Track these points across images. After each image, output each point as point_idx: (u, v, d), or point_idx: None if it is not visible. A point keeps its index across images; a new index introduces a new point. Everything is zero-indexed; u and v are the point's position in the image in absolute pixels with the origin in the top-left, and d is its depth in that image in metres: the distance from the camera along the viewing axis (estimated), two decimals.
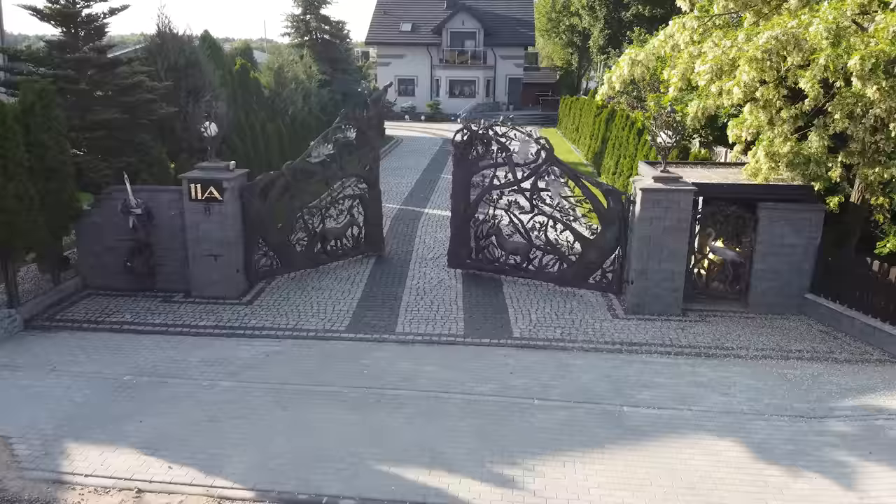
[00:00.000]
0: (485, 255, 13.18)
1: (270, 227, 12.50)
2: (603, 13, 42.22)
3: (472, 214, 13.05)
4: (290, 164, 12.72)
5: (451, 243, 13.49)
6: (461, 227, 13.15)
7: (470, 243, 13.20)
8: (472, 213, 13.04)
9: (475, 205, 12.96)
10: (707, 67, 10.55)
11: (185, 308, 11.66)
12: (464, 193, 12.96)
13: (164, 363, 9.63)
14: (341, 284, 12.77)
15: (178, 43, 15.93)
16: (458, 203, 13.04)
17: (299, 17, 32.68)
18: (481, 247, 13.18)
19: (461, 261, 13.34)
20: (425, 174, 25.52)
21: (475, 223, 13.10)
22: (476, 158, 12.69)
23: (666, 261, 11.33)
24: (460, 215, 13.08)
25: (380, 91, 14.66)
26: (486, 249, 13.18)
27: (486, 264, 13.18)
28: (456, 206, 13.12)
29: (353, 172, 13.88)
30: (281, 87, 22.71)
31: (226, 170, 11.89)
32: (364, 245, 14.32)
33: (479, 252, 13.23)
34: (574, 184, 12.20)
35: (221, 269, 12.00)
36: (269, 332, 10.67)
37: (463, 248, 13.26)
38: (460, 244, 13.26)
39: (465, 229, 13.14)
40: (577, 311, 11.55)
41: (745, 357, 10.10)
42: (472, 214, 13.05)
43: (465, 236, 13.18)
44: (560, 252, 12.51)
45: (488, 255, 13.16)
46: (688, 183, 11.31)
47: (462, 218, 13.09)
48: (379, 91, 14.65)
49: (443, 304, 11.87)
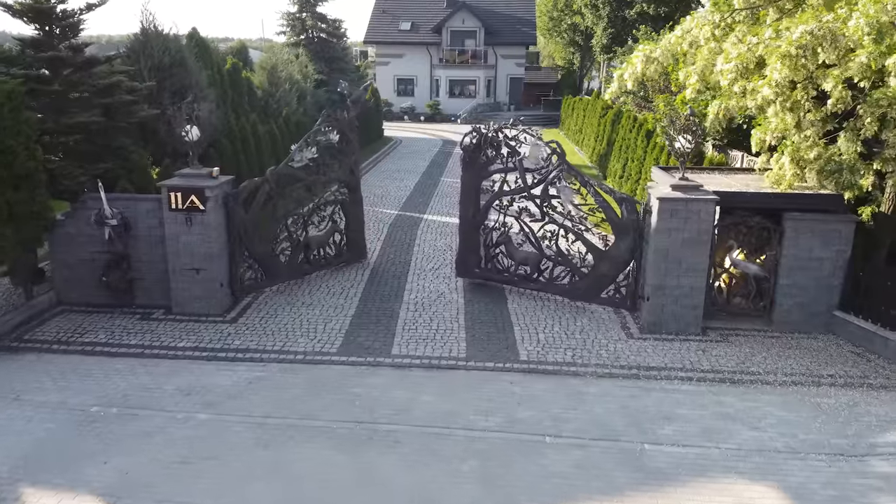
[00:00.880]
0: (494, 264, 12.44)
1: (255, 237, 11.65)
2: (606, 11, 41.34)
3: (482, 221, 12.34)
4: (274, 170, 11.87)
5: (459, 251, 12.81)
6: (470, 235, 12.43)
7: (479, 251, 12.48)
8: (482, 220, 12.33)
9: (485, 211, 12.24)
10: (732, 66, 9.68)
11: (164, 327, 10.78)
12: (473, 199, 12.26)
13: (136, 392, 8.76)
14: (334, 299, 11.89)
15: (163, 41, 15.05)
16: (467, 209, 12.33)
17: (295, 14, 31.78)
18: (491, 255, 12.44)
19: (469, 270, 12.61)
20: (424, 177, 24.65)
21: (484, 230, 12.37)
22: (486, 162, 11.97)
23: (685, 276, 10.46)
24: (469, 222, 12.37)
25: (359, 91, 13.81)
26: (495, 258, 12.43)
27: (494, 274, 12.43)
28: (464, 212, 12.41)
29: (337, 177, 13.08)
30: (275, 87, 21.83)
31: (209, 177, 11.02)
32: (347, 252, 13.53)
33: (488, 261, 12.49)
34: (586, 191, 11.33)
35: (204, 284, 11.13)
36: (254, 354, 9.79)
37: (472, 256, 12.54)
38: (469, 252, 12.54)
39: (474, 237, 12.42)
40: (589, 330, 10.67)
41: (773, 383, 9.23)
42: (482, 221, 12.34)
43: (475, 244, 12.46)
44: (571, 264, 11.68)
45: (498, 264, 12.42)
46: (708, 191, 10.43)
47: (471, 224, 12.37)
48: (359, 91, 13.79)
49: (443, 321, 10.99)
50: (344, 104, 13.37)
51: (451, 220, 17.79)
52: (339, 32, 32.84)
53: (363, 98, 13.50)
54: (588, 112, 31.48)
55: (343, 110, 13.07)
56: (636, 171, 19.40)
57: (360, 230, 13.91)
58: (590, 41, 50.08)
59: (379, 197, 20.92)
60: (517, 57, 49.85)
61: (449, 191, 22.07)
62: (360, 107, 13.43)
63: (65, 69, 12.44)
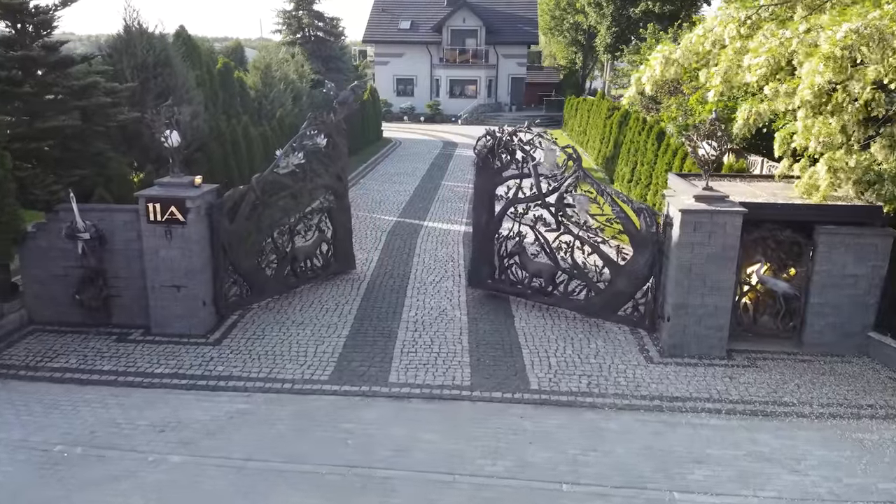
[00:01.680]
0: (508, 275, 11.73)
1: (240, 250, 10.78)
2: (610, 10, 40.48)
3: (496, 230, 11.68)
4: (259, 177, 11.00)
5: (471, 260, 12.21)
6: (483, 244, 11.81)
7: (493, 261, 11.80)
8: (496, 229, 11.68)
9: (499, 219, 11.62)
10: (762, 60, 8.79)
11: (141, 349, 9.91)
12: (486, 206, 11.63)
13: (104, 428, 7.88)
14: (327, 317, 11.02)
15: (148, 40, 14.16)
16: (480, 216, 11.72)
17: (291, 13, 30.87)
18: (505, 266, 11.74)
19: (482, 280, 11.94)
20: (425, 181, 23.76)
21: (498, 239, 11.70)
22: (500, 167, 11.35)
23: (709, 294, 9.59)
24: (482, 230, 11.74)
25: (347, 92, 12.90)
26: (509, 269, 11.72)
27: (507, 286, 11.72)
28: (478, 219, 11.79)
29: (324, 183, 12.27)
30: (268, 87, 20.94)
31: (190, 185, 10.15)
32: (335, 263, 12.76)
33: (502, 272, 11.79)
34: (603, 200, 10.48)
35: (185, 303, 10.26)
36: (237, 382, 8.91)
37: (485, 266, 11.87)
38: (482, 262, 11.88)
39: (487, 246, 11.78)
40: (605, 353, 9.80)
41: (809, 416, 8.36)
42: (496, 230, 11.68)
43: (488, 253, 11.80)
44: (587, 278, 10.88)
45: (512, 275, 11.70)
46: (735, 203, 9.56)
47: (484, 233, 11.74)
48: (346, 92, 12.89)
49: (445, 342, 10.12)
50: (331, 106, 12.50)
51: (452, 228, 16.93)
52: (337, 31, 31.94)
53: (350, 99, 12.63)
54: (593, 113, 30.61)
55: (330, 112, 12.24)
56: (646, 175, 18.52)
57: (348, 239, 13.13)
58: (592, 40, 49.21)
59: (377, 202, 20.04)
60: (519, 56, 48.93)
61: (450, 195, 21.20)
62: (347, 108, 12.60)
63: (38, 69, 11.57)
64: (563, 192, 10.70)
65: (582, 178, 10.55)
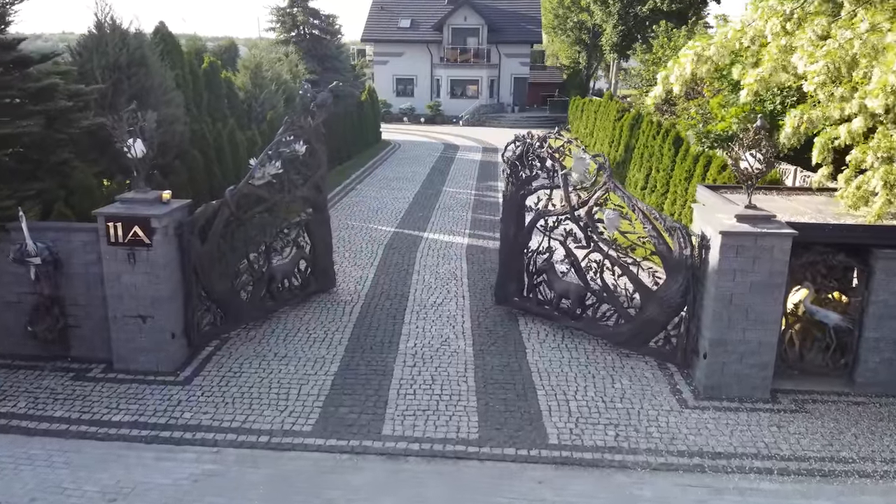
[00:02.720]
0: (536, 293, 10.79)
1: (214, 273, 9.54)
2: (616, 8, 39.26)
3: (525, 243, 10.84)
4: (234, 190, 9.75)
5: (498, 275, 11.37)
6: (511, 258, 10.97)
7: (522, 277, 10.95)
8: (525, 242, 10.84)
9: (528, 232, 10.76)
10: (820, 66, 7.55)
11: (100, 390, 8.65)
12: (515, 218, 10.79)
13: (48, 494, 6.66)
14: (314, 348, 9.76)
15: (121, 37, 12.89)
16: (509, 229, 10.89)
17: (285, 10, 29.58)
18: (534, 284, 10.82)
19: (509, 297, 11.07)
20: (425, 187, 22.51)
21: (528, 254, 10.83)
22: (530, 177, 10.52)
23: (752, 328, 8.34)
24: (510, 243, 10.91)
25: (325, 94, 11.61)
26: (538, 287, 10.77)
27: (534, 305, 10.78)
28: (506, 232, 10.99)
29: (302, 195, 11.10)
30: (258, 88, 19.68)
31: (157, 202, 8.90)
32: (314, 281, 11.61)
33: (530, 290, 10.87)
34: (634, 215, 9.29)
35: (152, 335, 9.01)
36: (206, 434, 7.65)
37: (512, 282, 11.00)
38: (509, 277, 11.05)
39: (516, 260, 10.93)
40: (632, 396, 8.54)
41: (873, 475, 7.12)
42: (525, 243, 10.84)
43: (516, 268, 10.96)
44: (617, 302, 9.75)
45: (540, 294, 10.75)
46: (782, 223, 8.31)
47: (512, 246, 10.89)
48: (324, 93, 11.65)
49: (448, 381, 8.86)
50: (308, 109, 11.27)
51: (454, 240, 15.68)
52: (334, 29, 30.67)
53: (329, 101, 11.38)
54: (600, 114, 29.33)
55: (307, 116, 11.02)
56: (663, 182, 17.27)
57: (328, 255, 11.97)
58: (597, 39, 47.97)
59: (374, 211, 18.79)
60: (521, 56, 47.67)
61: (451, 203, 19.95)
62: (326, 112, 11.39)
63: None
64: (592, 206, 9.61)
65: (612, 190, 9.39)
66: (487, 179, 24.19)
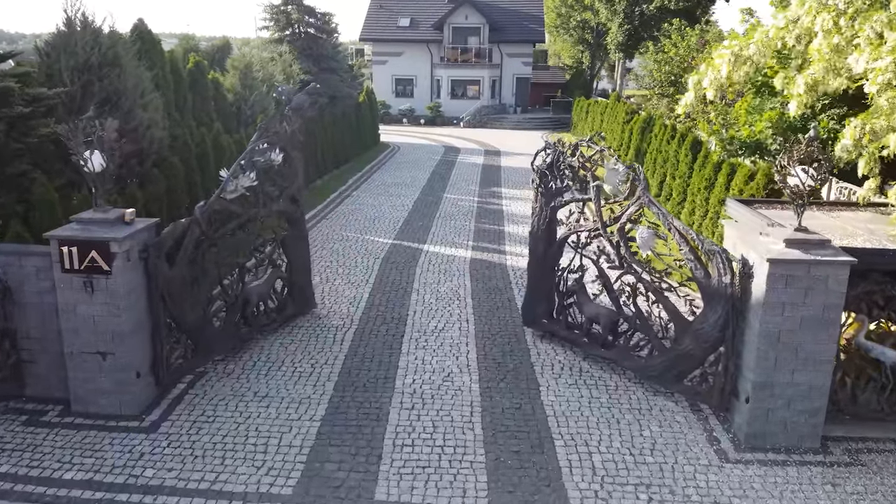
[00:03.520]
0: (566, 315, 9.82)
1: (183, 300, 8.42)
2: (622, 6, 38.17)
3: (555, 261, 9.90)
4: (204, 207, 8.62)
5: (526, 294, 10.59)
6: (540, 276, 10.02)
7: (552, 296, 10.00)
8: (555, 260, 9.89)
9: (559, 248, 9.79)
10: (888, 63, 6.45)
11: (54, 438, 7.54)
12: (545, 233, 9.81)
13: None
14: (298, 386, 8.65)
15: (92, 36, 11.79)
16: (538, 244, 9.93)
17: (279, 7, 28.43)
18: (564, 305, 9.88)
19: (537, 319, 10.15)
20: (425, 193, 21.40)
21: (558, 272, 9.89)
22: (560, 188, 9.58)
23: (802, 369, 7.24)
24: (539, 260, 9.97)
25: (301, 96, 10.44)
26: (569, 309, 9.82)
27: (563, 329, 9.79)
28: (535, 247, 10.04)
29: (279, 208, 10.03)
30: (248, 90, 18.56)
31: (119, 222, 7.79)
32: (291, 303, 10.54)
33: (560, 311, 9.91)
34: (670, 234, 8.19)
35: (113, 374, 7.90)
36: (169, 498, 6.53)
37: (541, 302, 10.06)
38: (537, 297, 10.11)
39: (545, 279, 9.97)
40: (664, 445, 7.42)
41: None
42: (555, 261, 9.90)
43: (546, 287, 10.00)
44: (651, 331, 8.67)
45: (570, 317, 9.79)
46: (838, 250, 7.19)
47: (541, 264, 9.95)
48: (300, 96, 10.50)
49: (451, 428, 7.74)
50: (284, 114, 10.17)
51: (457, 254, 14.58)
52: (330, 28, 29.53)
53: (306, 105, 10.26)
54: (607, 116, 28.24)
55: (283, 121, 9.93)
56: (679, 190, 16.16)
57: (306, 273, 10.89)
58: (600, 39, 46.91)
59: (370, 220, 17.68)
60: (524, 55, 46.54)
61: (453, 211, 18.85)
62: (303, 116, 10.30)
63: None
64: (624, 223, 8.58)
65: (647, 205, 8.31)
66: (490, 185, 23.08)
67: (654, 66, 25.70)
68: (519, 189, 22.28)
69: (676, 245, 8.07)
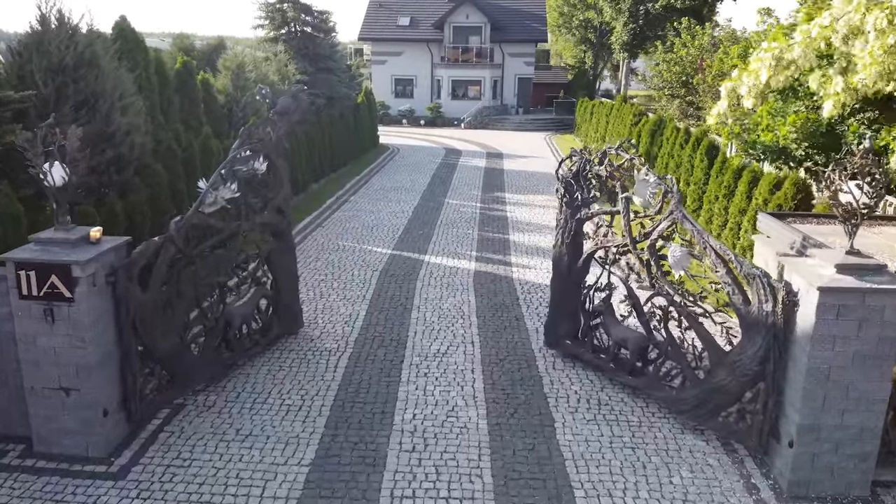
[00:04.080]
0: (592, 337, 9.03)
1: (157, 328, 7.57)
2: (627, 5, 37.32)
3: (581, 278, 9.13)
4: (180, 222, 7.75)
5: (549, 313, 9.70)
6: (564, 293, 9.24)
7: (577, 316, 9.22)
8: (581, 276, 9.13)
9: (585, 264, 9.03)
10: None
11: (12, 485, 6.69)
12: (570, 247, 9.04)
13: None
14: (286, 423, 7.80)
15: (68, 34, 10.94)
16: (561, 259, 9.16)
17: (274, 5, 27.58)
18: (590, 326, 9.09)
19: (560, 340, 9.38)
20: (426, 199, 20.57)
21: (585, 289, 9.13)
22: (587, 199, 8.84)
23: (853, 410, 6.41)
24: (563, 276, 9.18)
25: (287, 100, 9.58)
26: (595, 330, 9.03)
27: (588, 352, 8.97)
28: (558, 262, 9.26)
29: (264, 220, 9.18)
30: (240, 91, 17.72)
31: (83, 242, 6.95)
32: (276, 323, 9.72)
33: (586, 332, 9.12)
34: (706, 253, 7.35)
35: (78, 412, 7.06)
36: None
37: (565, 321, 9.29)
38: (561, 315, 9.33)
39: (570, 296, 9.19)
40: (697, 495, 6.58)
41: None
42: (581, 278, 9.13)
43: (570, 305, 9.22)
44: (684, 360, 7.86)
45: (596, 339, 9.00)
46: (894, 276, 6.36)
47: (566, 280, 9.16)
48: (286, 99, 9.64)
49: (457, 475, 6.90)
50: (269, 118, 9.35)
51: (460, 265, 13.75)
52: (327, 26, 28.68)
53: (292, 108, 9.42)
54: (613, 118, 27.40)
55: (266, 126, 9.10)
56: (693, 198, 15.33)
57: (294, 289, 10.05)
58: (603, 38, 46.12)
59: (368, 228, 16.84)
60: (526, 55, 45.71)
61: (455, 218, 18.02)
62: (289, 121, 9.47)
63: None
64: (655, 239, 7.76)
65: (681, 221, 7.48)
66: (493, 190, 22.24)
67: (664, 67, 24.88)
68: (523, 194, 21.45)
69: (712, 266, 7.23)
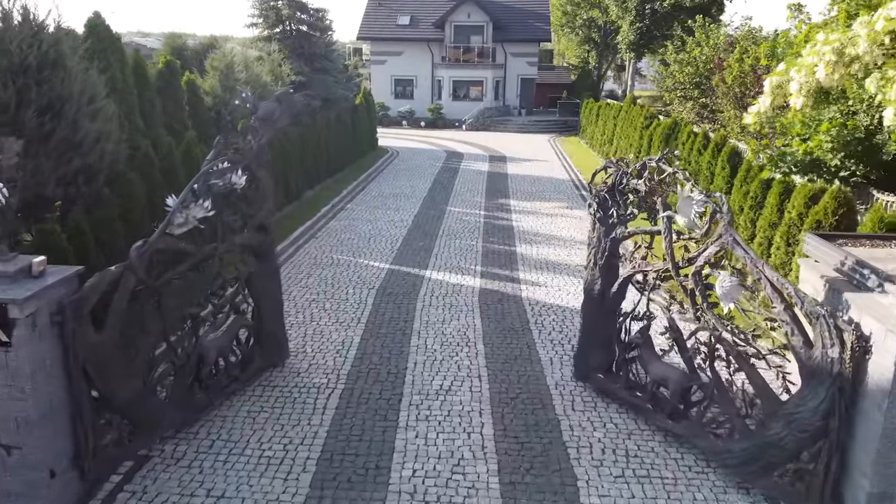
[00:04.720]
0: (627, 371, 8.00)
1: (115, 372, 6.50)
2: (634, 3, 36.28)
3: (616, 304, 8.10)
4: (142, 247, 6.65)
5: (579, 343, 8.71)
6: (597, 321, 8.23)
7: (611, 347, 8.20)
8: (617, 303, 8.10)
9: (621, 290, 8.00)
10: None
11: None
12: (603, 270, 8.03)
13: None
14: (264, 480, 6.75)
15: (32, 33, 9.89)
16: (594, 283, 8.15)
17: (267, 2, 26.53)
18: (626, 358, 8.05)
19: (591, 373, 8.36)
20: (426, 206, 19.51)
21: (621, 317, 8.11)
22: (623, 216, 7.91)
23: None
24: (596, 303, 8.17)
25: (270, 104, 8.59)
26: (631, 363, 8.00)
27: (623, 388, 7.94)
28: (590, 286, 8.24)
29: (244, 241, 8.11)
30: (229, 93, 16.68)
31: (23, 274, 5.90)
32: (258, 354, 8.66)
33: (620, 366, 8.10)
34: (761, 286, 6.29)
35: (21, 473, 6.01)
36: None
37: (597, 351, 8.26)
38: (593, 346, 8.31)
39: (603, 324, 8.17)
40: None
41: None
42: (616, 304, 8.10)
43: (603, 335, 8.21)
44: (732, 406, 6.80)
45: (632, 374, 7.97)
46: None
47: (599, 307, 8.16)
48: (268, 103, 8.66)
49: None
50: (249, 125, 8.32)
51: (463, 282, 12.70)
52: (324, 25, 27.64)
53: (276, 114, 8.39)
54: (621, 120, 26.33)
55: (247, 134, 8.08)
56: None
57: (277, 317, 9.02)
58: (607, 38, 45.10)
59: (366, 239, 15.79)
60: (528, 55, 44.68)
61: (458, 228, 16.96)
62: (272, 128, 8.43)
63: None
64: (701, 267, 6.73)
65: (731, 247, 6.43)
66: (497, 196, 21.19)
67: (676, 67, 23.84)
68: (529, 201, 20.41)
69: (767, 300, 6.18)
